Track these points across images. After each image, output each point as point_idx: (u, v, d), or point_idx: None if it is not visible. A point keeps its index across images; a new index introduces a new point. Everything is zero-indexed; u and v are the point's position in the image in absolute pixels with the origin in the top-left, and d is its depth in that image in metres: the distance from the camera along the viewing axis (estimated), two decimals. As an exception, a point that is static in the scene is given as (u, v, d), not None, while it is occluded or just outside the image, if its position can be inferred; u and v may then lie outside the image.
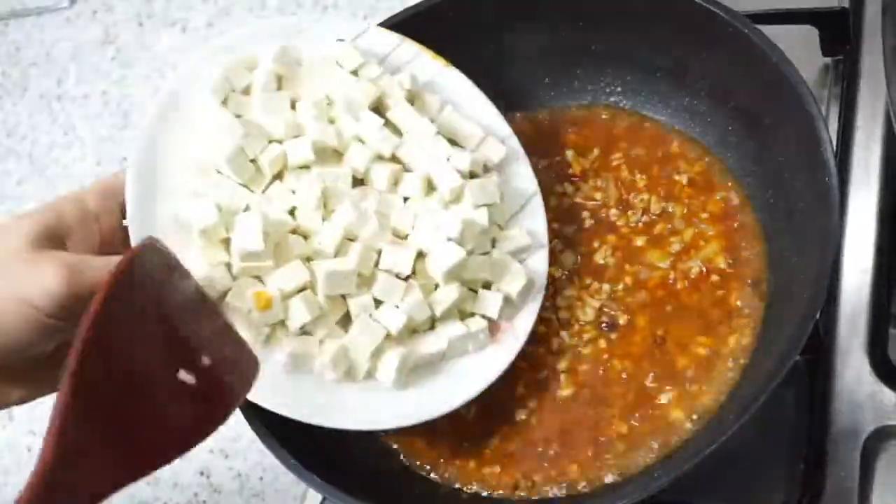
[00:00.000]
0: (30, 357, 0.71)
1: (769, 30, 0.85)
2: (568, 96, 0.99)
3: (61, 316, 0.68)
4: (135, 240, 0.76)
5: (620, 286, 0.88)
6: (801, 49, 0.92)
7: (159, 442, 0.63)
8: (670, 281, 0.87)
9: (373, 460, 0.85)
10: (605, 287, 0.89)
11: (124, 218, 0.77)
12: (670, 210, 0.91)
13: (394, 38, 0.91)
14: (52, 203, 0.74)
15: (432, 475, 0.85)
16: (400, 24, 0.96)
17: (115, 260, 0.70)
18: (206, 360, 0.69)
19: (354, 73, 0.86)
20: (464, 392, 0.81)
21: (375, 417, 0.80)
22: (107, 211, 0.76)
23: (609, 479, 0.80)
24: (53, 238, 0.72)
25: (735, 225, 0.88)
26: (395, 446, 0.87)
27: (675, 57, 0.92)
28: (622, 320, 0.87)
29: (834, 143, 0.81)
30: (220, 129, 0.81)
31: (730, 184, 0.90)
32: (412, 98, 0.87)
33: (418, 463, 0.86)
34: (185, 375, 0.67)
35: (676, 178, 0.92)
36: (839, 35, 0.98)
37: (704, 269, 0.87)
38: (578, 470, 0.81)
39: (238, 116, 0.83)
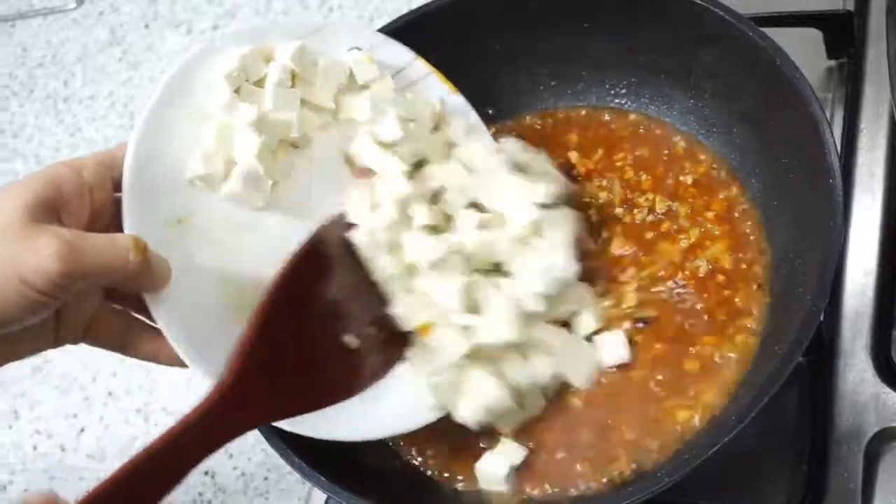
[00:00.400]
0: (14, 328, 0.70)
1: (774, 32, 0.85)
2: (572, 98, 1.00)
3: (55, 294, 0.68)
4: (127, 213, 0.75)
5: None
6: (805, 52, 0.93)
7: (315, 390, 0.75)
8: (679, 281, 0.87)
9: (377, 460, 0.86)
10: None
11: (116, 192, 0.76)
12: (675, 209, 0.91)
13: (407, 55, 0.91)
14: (50, 170, 0.72)
15: (435, 475, 0.85)
16: (406, 25, 0.96)
17: (116, 239, 0.71)
18: (370, 331, 0.78)
19: (366, 86, 0.87)
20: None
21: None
22: (101, 184, 0.75)
23: (613, 479, 0.80)
24: (50, 209, 0.70)
25: (739, 226, 0.88)
26: (398, 446, 0.87)
27: (680, 59, 0.93)
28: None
29: (838, 145, 0.81)
30: (240, 129, 0.81)
31: (734, 185, 0.91)
32: (439, 121, 0.89)
33: (421, 462, 0.86)
34: (350, 339, 0.77)
35: (681, 178, 0.92)
36: (843, 38, 0.98)
37: (710, 268, 0.87)
38: (583, 470, 0.82)
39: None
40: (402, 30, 0.96)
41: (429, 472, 0.86)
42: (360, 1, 1.27)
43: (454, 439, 0.85)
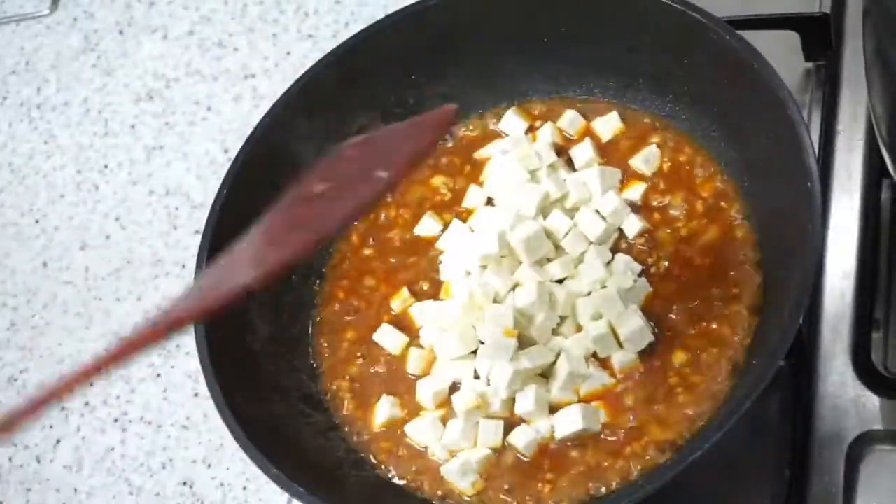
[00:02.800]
0: None
1: (751, 35, 0.86)
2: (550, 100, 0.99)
3: None
4: None
5: None
6: (782, 54, 0.93)
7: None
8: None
9: (355, 471, 0.85)
10: None
11: None
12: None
13: None
14: None
15: (413, 487, 0.84)
16: (381, 30, 0.96)
17: None
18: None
19: None
20: None
21: None
22: None
23: (594, 489, 0.80)
24: None
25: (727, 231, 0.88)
26: (376, 458, 0.86)
27: (658, 63, 0.92)
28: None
29: (816, 147, 0.81)
30: None
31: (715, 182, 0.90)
32: None
33: (401, 475, 0.85)
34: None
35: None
36: (820, 40, 0.99)
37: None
38: (563, 480, 0.81)
39: None
40: (378, 35, 0.96)
41: (406, 484, 0.85)
42: (335, 6, 1.26)
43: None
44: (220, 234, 0.89)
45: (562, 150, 0.95)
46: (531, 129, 0.97)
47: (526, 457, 0.82)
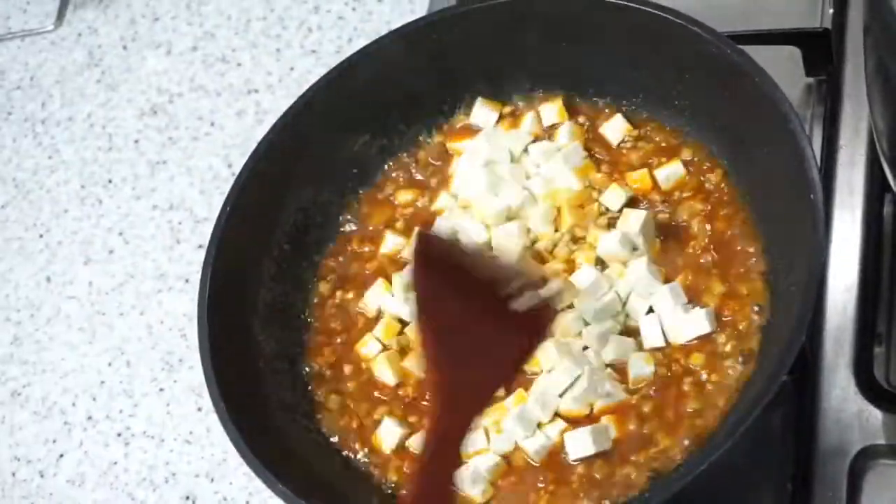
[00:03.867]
0: None
1: (753, 50, 0.86)
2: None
3: None
4: None
5: None
6: (784, 69, 0.93)
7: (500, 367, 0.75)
8: None
9: (363, 490, 0.85)
10: None
11: None
12: None
13: None
14: None
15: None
16: (385, 46, 0.97)
17: None
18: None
19: None
20: None
21: None
22: None
23: (599, 501, 0.80)
24: None
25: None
26: (385, 476, 0.86)
27: (660, 77, 0.93)
28: None
29: (818, 162, 0.81)
30: None
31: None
32: None
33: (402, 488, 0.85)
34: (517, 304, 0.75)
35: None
36: (822, 55, 0.99)
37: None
38: (567, 492, 0.81)
39: None
40: (380, 51, 0.96)
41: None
42: (339, 22, 1.27)
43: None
44: (223, 249, 0.90)
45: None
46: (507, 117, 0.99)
47: (535, 462, 0.82)
